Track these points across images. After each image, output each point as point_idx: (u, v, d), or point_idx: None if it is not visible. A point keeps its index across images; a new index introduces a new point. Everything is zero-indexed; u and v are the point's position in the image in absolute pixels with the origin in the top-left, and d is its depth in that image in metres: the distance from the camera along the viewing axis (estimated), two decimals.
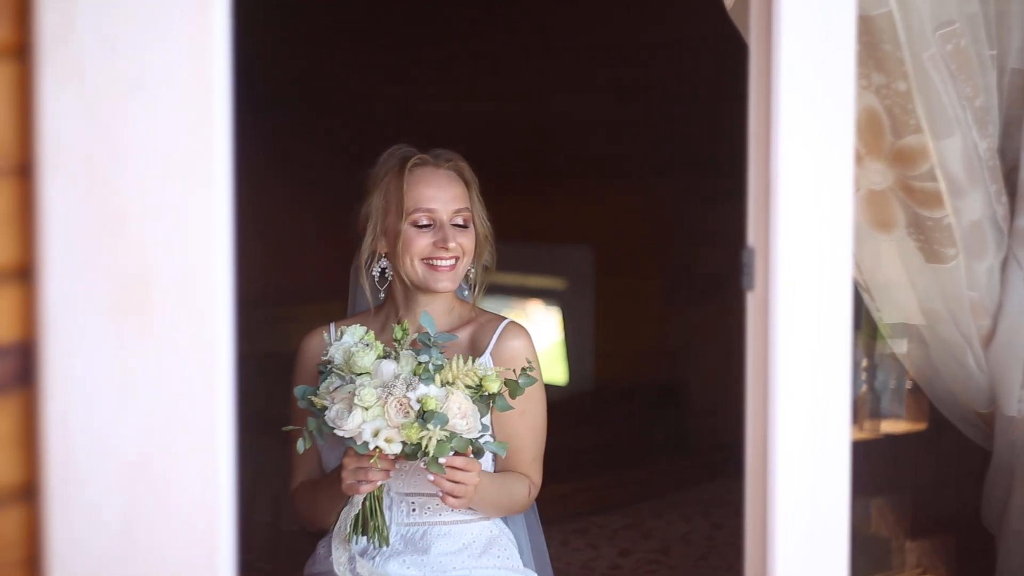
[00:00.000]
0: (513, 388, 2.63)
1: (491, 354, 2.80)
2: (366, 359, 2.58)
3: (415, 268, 2.79)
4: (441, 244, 2.76)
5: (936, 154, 2.78)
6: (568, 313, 6.89)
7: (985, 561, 3.34)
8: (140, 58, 1.64)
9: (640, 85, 6.18)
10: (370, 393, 2.51)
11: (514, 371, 2.66)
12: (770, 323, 2.14)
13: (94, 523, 1.66)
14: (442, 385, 2.54)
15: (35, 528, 1.65)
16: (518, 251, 6.80)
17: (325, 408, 2.58)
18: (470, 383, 2.57)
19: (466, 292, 2.93)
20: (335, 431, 2.55)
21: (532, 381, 2.64)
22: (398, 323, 2.70)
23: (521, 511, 2.89)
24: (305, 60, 6.72)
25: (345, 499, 2.72)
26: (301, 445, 2.62)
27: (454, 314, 2.88)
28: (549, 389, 2.92)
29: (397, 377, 2.55)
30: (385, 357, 2.61)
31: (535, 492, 2.87)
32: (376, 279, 2.85)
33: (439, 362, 2.56)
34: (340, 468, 2.65)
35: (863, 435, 4.03)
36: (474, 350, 2.81)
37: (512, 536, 2.90)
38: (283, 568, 4.21)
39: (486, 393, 2.59)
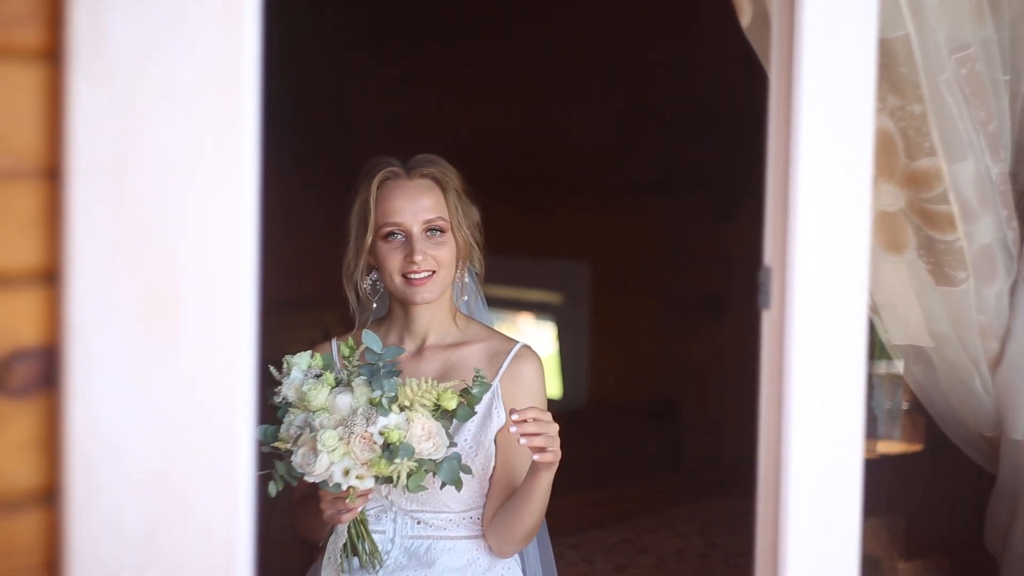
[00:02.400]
0: (469, 399, 2.57)
1: (501, 378, 2.78)
2: (320, 397, 2.51)
3: (395, 283, 2.77)
4: (409, 257, 2.73)
5: (949, 177, 2.78)
6: (563, 328, 6.89)
7: None
8: (171, 64, 1.64)
9: (641, 104, 6.19)
10: (332, 436, 2.45)
11: (464, 381, 2.60)
12: (786, 342, 2.14)
13: (113, 530, 1.65)
14: (401, 410, 2.49)
15: (55, 533, 1.64)
16: (515, 265, 6.81)
17: (291, 451, 2.52)
18: (427, 403, 2.51)
19: (465, 298, 2.91)
20: (305, 477, 2.49)
21: (486, 388, 2.59)
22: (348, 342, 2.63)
23: (533, 535, 2.81)
24: (312, 72, 6.72)
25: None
26: (273, 488, 2.55)
27: (459, 329, 2.87)
28: None
29: (355, 412, 2.49)
30: (338, 383, 2.55)
31: None
32: (368, 290, 2.83)
33: (392, 393, 2.49)
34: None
35: None
36: (487, 371, 2.78)
37: (516, 557, 2.89)
38: None
39: (446, 409, 2.54)
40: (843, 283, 2.20)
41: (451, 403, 2.53)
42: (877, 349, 3.58)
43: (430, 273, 2.75)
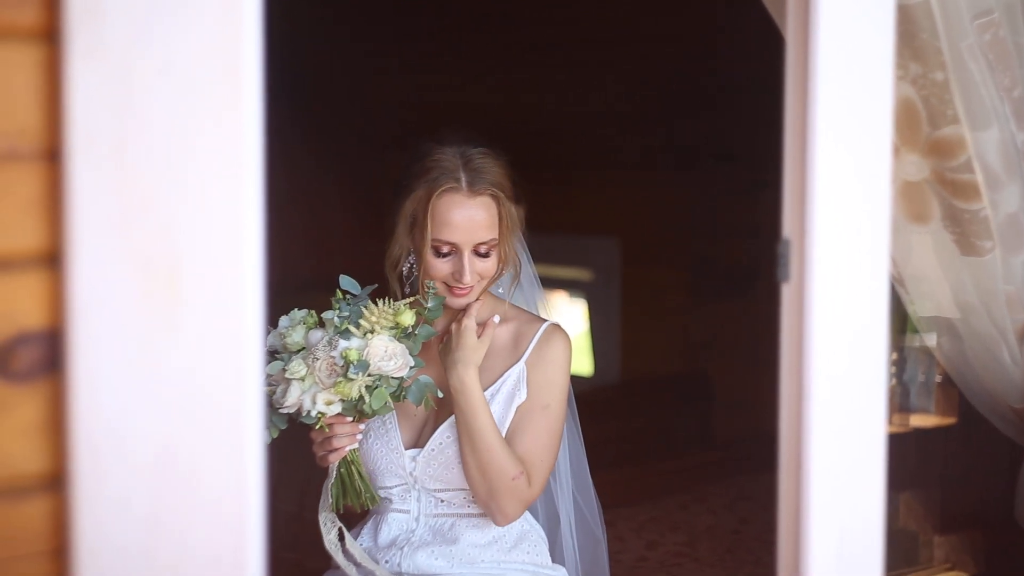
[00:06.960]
0: (425, 314, 2.65)
1: (528, 358, 2.78)
2: (296, 335, 2.61)
3: (436, 285, 2.75)
4: (457, 275, 2.70)
5: (973, 145, 2.74)
6: (594, 304, 6.86)
7: (1018, 558, 3.30)
8: (169, 41, 1.62)
9: (667, 76, 6.14)
10: (298, 363, 2.56)
11: (419, 299, 2.69)
12: (805, 315, 2.12)
13: (122, 513, 1.64)
14: (364, 335, 2.57)
15: (62, 518, 1.63)
16: (544, 242, 6.76)
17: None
18: (388, 323, 2.59)
19: (500, 289, 2.90)
20: (280, 411, 2.58)
21: (441, 300, 2.68)
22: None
23: (497, 486, 2.69)
24: (333, 50, 6.71)
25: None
26: (267, 435, 2.58)
27: (489, 310, 2.84)
28: (575, 380, 2.89)
29: (321, 340, 2.58)
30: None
31: (522, 482, 2.69)
32: (404, 274, 2.81)
33: (345, 313, 2.59)
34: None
35: (892, 429, 4.00)
36: (515, 350, 2.80)
37: (543, 534, 2.88)
38: (307, 557, 4.20)
39: (407, 329, 2.60)
40: (864, 254, 2.17)
41: (406, 318, 2.60)
42: (909, 322, 3.54)
43: (471, 287, 2.74)
